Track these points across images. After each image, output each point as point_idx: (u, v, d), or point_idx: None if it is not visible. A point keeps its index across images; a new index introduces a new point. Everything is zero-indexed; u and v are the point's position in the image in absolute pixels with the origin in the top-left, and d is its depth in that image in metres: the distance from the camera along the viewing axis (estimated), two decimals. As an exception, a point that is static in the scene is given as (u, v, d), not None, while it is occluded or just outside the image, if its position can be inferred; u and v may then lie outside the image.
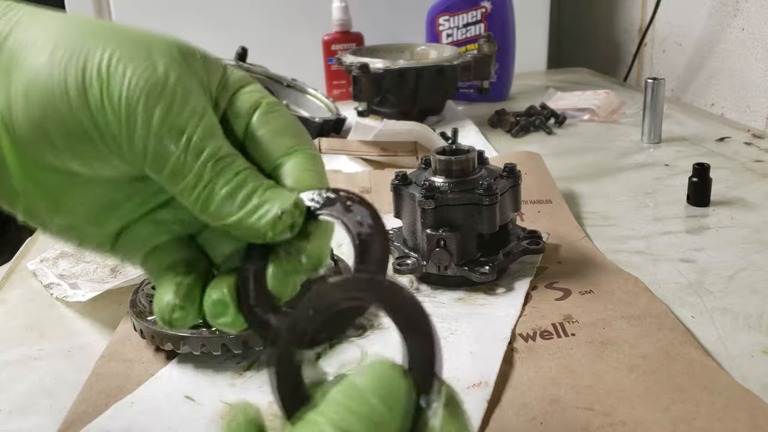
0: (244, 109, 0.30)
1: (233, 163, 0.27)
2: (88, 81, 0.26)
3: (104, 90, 0.26)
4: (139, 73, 0.26)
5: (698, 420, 0.37)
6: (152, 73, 0.26)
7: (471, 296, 0.53)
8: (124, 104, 0.26)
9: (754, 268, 0.55)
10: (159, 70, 0.27)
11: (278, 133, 0.30)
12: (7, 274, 0.62)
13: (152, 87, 0.26)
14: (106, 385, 0.43)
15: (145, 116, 0.26)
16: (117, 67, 0.26)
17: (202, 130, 0.27)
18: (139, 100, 0.26)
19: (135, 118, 0.26)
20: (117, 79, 0.26)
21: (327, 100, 1.08)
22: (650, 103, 0.90)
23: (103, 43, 0.26)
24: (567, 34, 1.71)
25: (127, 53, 0.26)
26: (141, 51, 0.27)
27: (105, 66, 0.26)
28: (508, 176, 0.55)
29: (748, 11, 1.02)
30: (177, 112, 0.26)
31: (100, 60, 0.26)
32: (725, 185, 0.74)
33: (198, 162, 0.27)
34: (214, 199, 0.27)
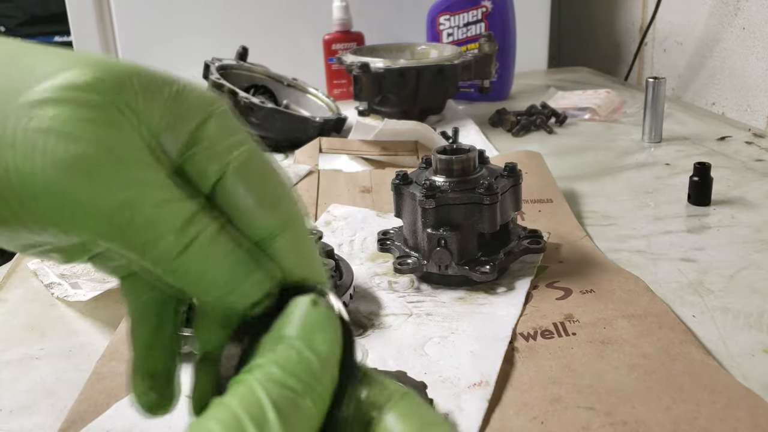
0: (211, 161, 0.24)
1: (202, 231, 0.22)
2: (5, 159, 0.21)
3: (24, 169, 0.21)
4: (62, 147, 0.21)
5: (699, 419, 0.37)
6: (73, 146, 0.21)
7: (472, 295, 0.53)
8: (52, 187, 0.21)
9: (754, 268, 0.55)
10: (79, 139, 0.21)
11: (258, 203, 0.24)
12: (7, 274, 0.62)
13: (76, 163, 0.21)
14: (107, 385, 0.43)
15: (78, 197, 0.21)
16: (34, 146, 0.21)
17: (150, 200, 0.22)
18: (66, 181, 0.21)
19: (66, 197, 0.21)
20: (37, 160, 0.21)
21: (328, 100, 1.08)
22: (651, 103, 0.90)
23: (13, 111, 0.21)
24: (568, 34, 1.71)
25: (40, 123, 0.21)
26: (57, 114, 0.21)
27: (20, 145, 0.21)
28: (509, 175, 0.55)
29: (749, 10, 1.02)
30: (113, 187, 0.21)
31: (13, 138, 0.21)
32: (726, 184, 0.74)
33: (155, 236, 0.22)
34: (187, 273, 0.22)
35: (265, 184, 0.24)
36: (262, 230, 0.24)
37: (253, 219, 0.24)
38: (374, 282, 0.56)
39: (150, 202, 0.22)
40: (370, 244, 0.63)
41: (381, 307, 0.52)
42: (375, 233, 0.61)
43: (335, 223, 0.68)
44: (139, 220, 0.22)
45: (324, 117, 0.97)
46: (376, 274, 0.57)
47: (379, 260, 0.60)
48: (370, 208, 0.71)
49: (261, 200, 0.24)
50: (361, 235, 0.65)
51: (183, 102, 0.24)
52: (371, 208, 0.71)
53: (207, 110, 0.24)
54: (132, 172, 0.22)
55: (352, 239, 0.64)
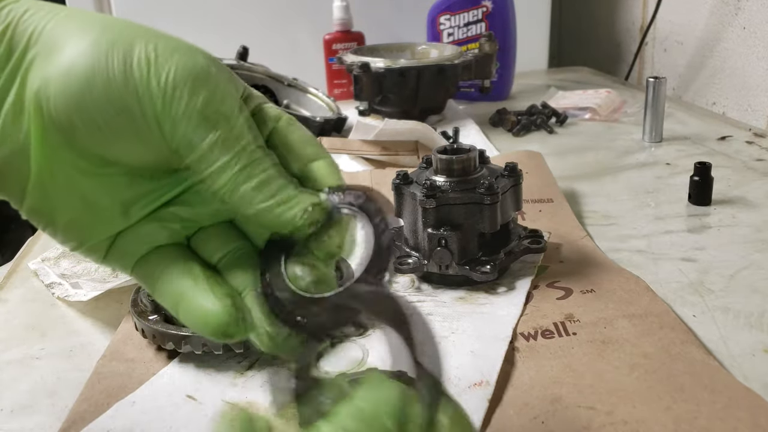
0: (269, 119, 0.32)
1: (266, 156, 0.29)
2: (135, 64, 0.27)
3: (151, 71, 0.27)
4: (185, 62, 0.28)
5: (699, 419, 0.37)
6: (196, 64, 0.28)
7: (472, 295, 0.53)
8: (170, 85, 0.27)
9: (755, 267, 0.55)
10: (200, 62, 0.28)
11: (302, 143, 0.32)
12: (8, 274, 0.62)
13: (198, 74, 0.28)
14: (107, 385, 0.43)
15: (190, 99, 0.27)
16: (163, 55, 0.28)
17: (242, 120, 0.29)
18: (185, 83, 0.27)
19: (180, 99, 0.27)
20: (163, 63, 0.27)
21: (328, 100, 1.08)
22: (651, 102, 0.90)
23: (145, 37, 0.28)
24: (568, 33, 1.71)
25: (169, 47, 0.28)
26: (181, 47, 0.28)
27: (152, 53, 0.28)
28: (509, 175, 0.55)
29: (750, 10, 1.02)
30: (220, 100, 0.28)
31: (146, 49, 0.28)
32: (726, 184, 0.74)
33: (235, 149, 0.28)
34: (246, 187, 0.28)
35: (305, 132, 0.32)
36: (309, 154, 0.31)
37: (302, 147, 0.31)
38: (375, 282, 0.56)
39: (241, 122, 0.29)
40: (371, 244, 0.62)
41: None
42: (375, 233, 0.61)
43: (336, 222, 0.68)
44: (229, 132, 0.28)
45: (324, 117, 0.97)
46: (377, 274, 0.57)
47: (380, 260, 0.59)
48: (370, 207, 0.71)
49: (304, 139, 0.32)
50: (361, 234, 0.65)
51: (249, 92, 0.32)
52: (372, 208, 0.71)
53: (263, 99, 0.32)
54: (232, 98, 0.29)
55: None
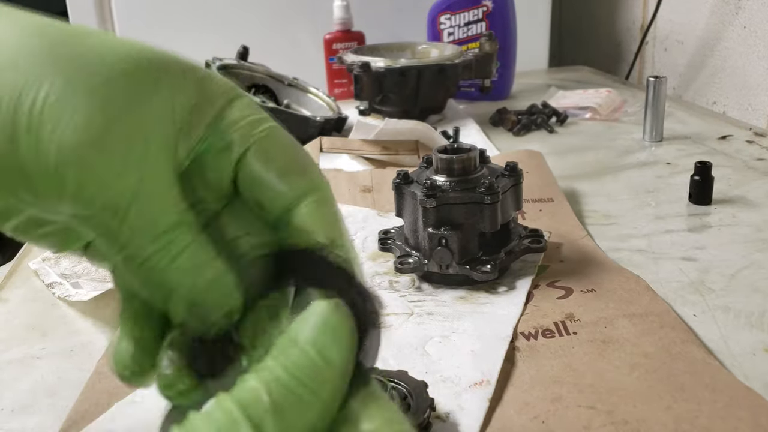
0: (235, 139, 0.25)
1: (175, 239, 0.23)
2: (20, 130, 0.21)
3: (34, 144, 0.21)
4: (73, 125, 0.21)
5: (700, 418, 0.37)
6: (88, 125, 0.21)
7: (473, 295, 0.53)
8: (52, 163, 0.21)
9: (755, 267, 0.55)
10: (96, 121, 0.22)
11: (284, 172, 0.25)
12: (8, 274, 0.62)
13: (87, 145, 0.21)
14: (108, 384, 0.43)
15: (75, 178, 0.22)
16: (50, 114, 0.21)
17: (144, 199, 0.22)
18: (68, 161, 0.21)
19: (64, 178, 0.22)
20: (47, 129, 0.21)
21: (328, 99, 1.08)
22: (652, 102, 0.90)
23: (41, 76, 0.22)
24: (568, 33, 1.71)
25: (65, 92, 0.22)
26: (83, 89, 0.22)
27: (38, 110, 0.21)
28: (510, 175, 0.55)
29: (750, 9, 1.02)
30: (114, 177, 0.22)
31: (33, 102, 0.21)
32: (727, 184, 0.74)
33: (134, 237, 0.23)
34: (153, 277, 0.23)
35: (288, 154, 0.26)
36: (288, 196, 0.25)
37: (279, 186, 0.25)
38: (375, 281, 0.56)
39: (145, 203, 0.22)
40: (371, 244, 0.63)
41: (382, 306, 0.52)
42: (376, 233, 0.61)
43: (336, 222, 0.68)
44: (128, 221, 0.22)
45: (325, 116, 0.97)
46: (377, 274, 0.57)
47: (380, 260, 0.60)
48: (370, 207, 0.71)
49: (286, 168, 0.25)
50: (361, 234, 0.65)
51: (209, 85, 0.25)
52: (372, 208, 0.71)
53: (230, 94, 0.25)
54: (136, 165, 0.22)
55: (352, 238, 0.64)
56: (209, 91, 0.25)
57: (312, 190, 0.25)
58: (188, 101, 0.24)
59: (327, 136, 0.94)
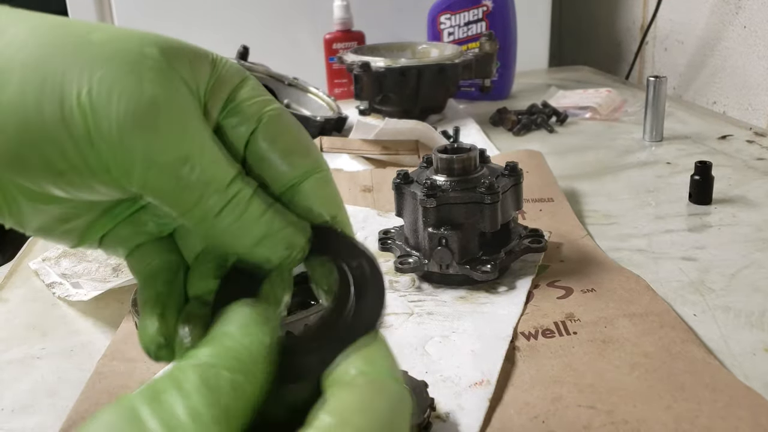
0: (245, 118, 0.26)
1: (242, 190, 0.25)
2: (69, 112, 0.22)
3: (90, 122, 0.23)
4: (126, 101, 0.23)
5: (700, 418, 0.37)
6: (141, 97, 0.23)
7: (473, 295, 0.53)
8: (116, 136, 0.23)
9: (756, 267, 0.55)
10: (147, 92, 0.23)
11: (289, 152, 0.27)
12: (9, 274, 0.62)
13: (145, 114, 0.23)
14: (108, 384, 0.43)
15: (143, 146, 0.23)
16: (100, 94, 0.23)
17: (207, 155, 0.24)
18: (133, 131, 0.23)
19: (131, 148, 0.23)
20: (103, 108, 0.23)
21: (328, 99, 1.08)
22: (652, 102, 0.90)
23: (78, 65, 0.23)
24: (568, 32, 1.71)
25: (108, 75, 0.23)
26: (123, 69, 0.23)
27: (86, 94, 0.23)
28: (510, 175, 0.55)
29: (750, 9, 1.02)
30: (177, 139, 0.23)
31: (79, 88, 0.23)
32: (727, 183, 0.74)
33: (205, 192, 0.24)
34: (226, 229, 0.25)
35: (292, 135, 0.27)
36: (292, 174, 0.26)
37: (284, 164, 0.26)
38: (375, 281, 0.56)
39: (207, 159, 0.24)
40: (371, 244, 0.62)
41: None
42: (376, 232, 0.61)
43: (336, 222, 0.68)
44: (194, 176, 0.24)
45: (325, 116, 0.97)
46: (377, 274, 0.57)
47: (380, 259, 0.60)
48: (371, 207, 0.71)
49: (290, 148, 0.27)
50: (362, 234, 0.65)
51: (220, 69, 0.26)
52: (372, 208, 0.71)
53: (240, 77, 0.27)
54: (192, 127, 0.24)
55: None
56: (222, 72, 0.26)
57: (313, 170, 0.27)
58: (206, 81, 0.26)
59: (327, 135, 0.94)
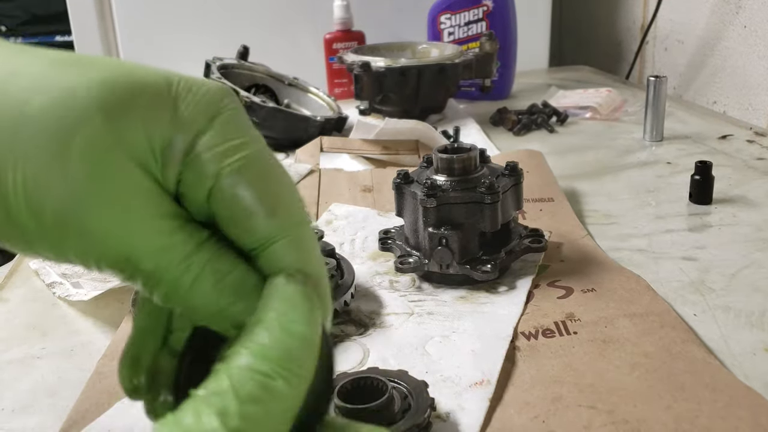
0: (203, 176, 0.23)
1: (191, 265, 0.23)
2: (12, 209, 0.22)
3: (28, 221, 0.22)
4: (56, 201, 0.21)
5: (700, 418, 0.37)
6: (69, 199, 0.22)
7: (473, 295, 0.53)
8: (56, 239, 0.22)
9: (756, 266, 0.55)
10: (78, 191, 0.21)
11: (248, 215, 0.23)
12: (9, 273, 0.62)
13: (75, 216, 0.22)
14: (108, 384, 0.43)
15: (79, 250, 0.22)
16: (32, 193, 0.21)
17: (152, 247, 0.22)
18: (67, 233, 0.22)
19: (69, 249, 0.22)
20: (36, 206, 0.21)
21: (328, 99, 1.08)
22: (652, 101, 0.90)
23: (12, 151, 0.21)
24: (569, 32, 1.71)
25: (36, 169, 0.21)
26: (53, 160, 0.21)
27: (21, 191, 0.21)
28: (510, 174, 0.55)
29: (751, 8, 1.02)
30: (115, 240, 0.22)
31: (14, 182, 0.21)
32: (727, 183, 0.74)
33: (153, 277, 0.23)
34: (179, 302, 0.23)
35: (262, 188, 0.23)
36: (258, 235, 0.23)
37: (248, 223, 0.23)
38: (375, 281, 0.56)
39: (152, 249, 0.22)
40: (372, 244, 0.63)
41: (382, 306, 0.52)
42: (376, 232, 0.61)
43: (336, 222, 0.68)
44: (140, 267, 0.22)
45: (325, 116, 0.97)
46: (378, 273, 0.57)
47: (381, 259, 0.60)
48: (371, 207, 0.71)
49: (258, 204, 0.23)
50: (362, 234, 0.65)
51: (185, 107, 0.23)
52: (372, 207, 0.71)
53: (207, 116, 0.23)
54: (133, 218, 0.22)
55: (353, 238, 0.64)
56: (185, 115, 0.23)
57: (284, 231, 0.24)
58: (163, 135, 0.23)
59: (327, 135, 0.94)
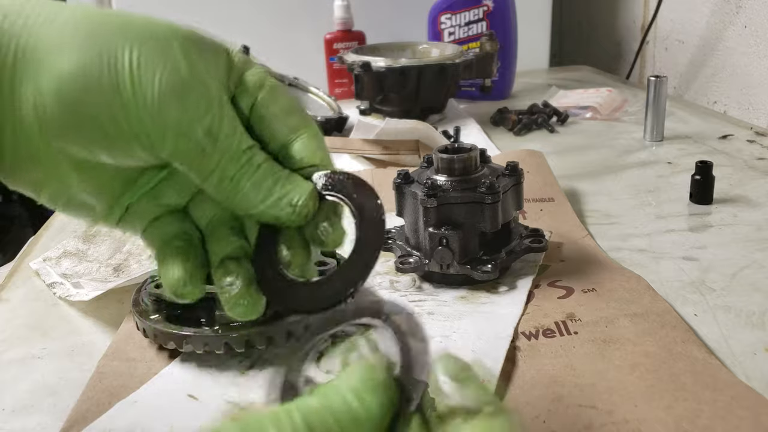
0: (250, 89, 0.32)
1: (254, 157, 0.30)
2: (122, 83, 0.27)
3: (137, 91, 0.27)
4: (167, 74, 0.28)
5: (701, 418, 0.37)
6: (178, 73, 0.28)
7: (473, 295, 0.53)
8: (156, 105, 0.27)
9: (756, 266, 0.55)
10: (183, 70, 0.28)
11: (284, 113, 0.32)
12: (10, 274, 0.62)
13: (181, 87, 0.28)
14: (108, 384, 0.43)
15: (177, 116, 0.28)
16: (146, 68, 0.28)
17: (226, 127, 0.29)
18: (170, 102, 0.28)
19: (167, 117, 0.28)
20: (147, 80, 0.28)
21: (329, 99, 1.08)
22: (652, 101, 0.90)
23: (128, 42, 0.28)
24: (569, 32, 1.71)
25: (151, 53, 0.28)
26: (163, 49, 0.28)
27: (135, 66, 0.28)
28: (511, 174, 0.55)
29: (751, 8, 1.02)
30: (204, 111, 0.28)
31: (130, 61, 0.28)
32: (728, 183, 0.74)
33: (223, 158, 0.29)
34: (239, 191, 0.29)
35: (285, 100, 0.32)
36: (289, 128, 0.31)
37: (282, 124, 0.32)
38: (376, 281, 0.56)
39: (225, 131, 0.29)
40: (372, 244, 0.62)
41: None
42: (376, 232, 0.61)
43: (337, 222, 0.68)
44: (214, 145, 0.29)
45: (325, 116, 0.97)
46: (378, 274, 0.57)
47: (381, 259, 0.59)
48: (371, 207, 0.71)
49: (284, 110, 0.32)
50: (362, 234, 0.65)
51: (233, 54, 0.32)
52: (373, 207, 0.71)
53: (248, 65, 0.33)
54: (215, 104, 0.29)
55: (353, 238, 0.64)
56: (235, 60, 0.32)
57: (305, 125, 0.32)
58: (226, 65, 0.31)
59: (328, 135, 0.94)
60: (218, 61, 0.31)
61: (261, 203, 0.30)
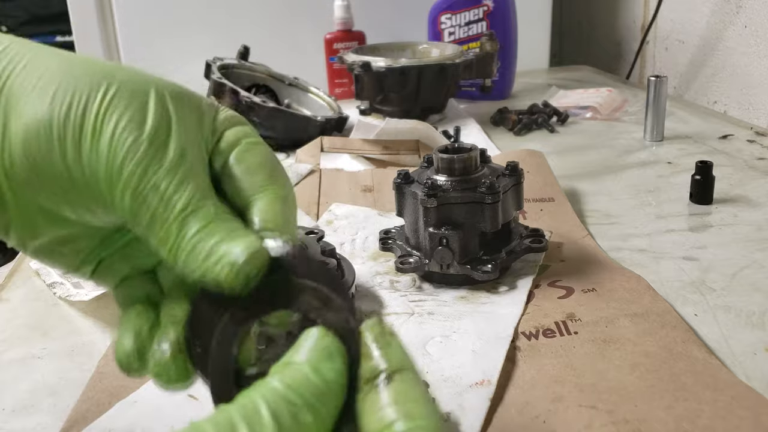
0: (224, 147, 0.30)
1: (199, 214, 0.27)
2: (85, 133, 0.26)
3: (95, 143, 0.26)
4: (129, 128, 0.26)
5: (701, 418, 0.37)
6: (140, 127, 0.27)
7: (473, 295, 0.53)
8: (117, 166, 0.26)
9: (756, 266, 0.55)
10: (148, 123, 0.27)
11: (251, 171, 0.30)
12: (10, 273, 0.62)
13: (133, 143, 0.26)
14: (108, 384, 0.43)
15: (125, 173, 0.26)
16: (110, 118, 0.26)
17: (175, 185, 0.27)
18: (130, 161, 0.26)
19: (116, 174, 0.26)
20: (107, 132, 0.26)
21: (329, 99, 1.08)
22: (653, 101, 0.90)
23: (101, 93, 0.27)
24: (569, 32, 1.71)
25: (122, 102, 0.27)
26: (135, 99, 0.27)
27: (101, 116, 0.26)
28: (511, 174, 0.55)
29: (751, 8, 1.02)
30: (154, 170, 0.26)
31: (97, 113, 0.26)
32: (728, 183, 0.74)
33: (169, 217, 0.27)
34: (182, 253, 0.27)
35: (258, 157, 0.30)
36: (252, 190, 0.29)
37: (247, 182, 0.30)
38: (376, 281, 0.56)
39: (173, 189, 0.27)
40: (372, 243, 0.63)
41: (383, 306, 0.52)
42: (376, 232, 0.61)
43: (337, 222, 0.68)
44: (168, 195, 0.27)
45: (325, 116, 0.97)
46: (378, 273, 0.57)
47: (381, 259, 0.60)
48: (371, 207, 0.71)
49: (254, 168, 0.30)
50: (362, 234, 0.65)
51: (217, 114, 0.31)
52: (373, 207, 0.71)
53: (232, 122, 0.31)
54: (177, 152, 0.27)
55: (353, 238, 0.64)
56: (218, 119, 0.31)
57: (268, 188, 0.30)
58: (209, 127, 0.30)
59: (328, 135, 0.94)
60: (199, 117, 0.29)
61: (201, 265, 0.26)
